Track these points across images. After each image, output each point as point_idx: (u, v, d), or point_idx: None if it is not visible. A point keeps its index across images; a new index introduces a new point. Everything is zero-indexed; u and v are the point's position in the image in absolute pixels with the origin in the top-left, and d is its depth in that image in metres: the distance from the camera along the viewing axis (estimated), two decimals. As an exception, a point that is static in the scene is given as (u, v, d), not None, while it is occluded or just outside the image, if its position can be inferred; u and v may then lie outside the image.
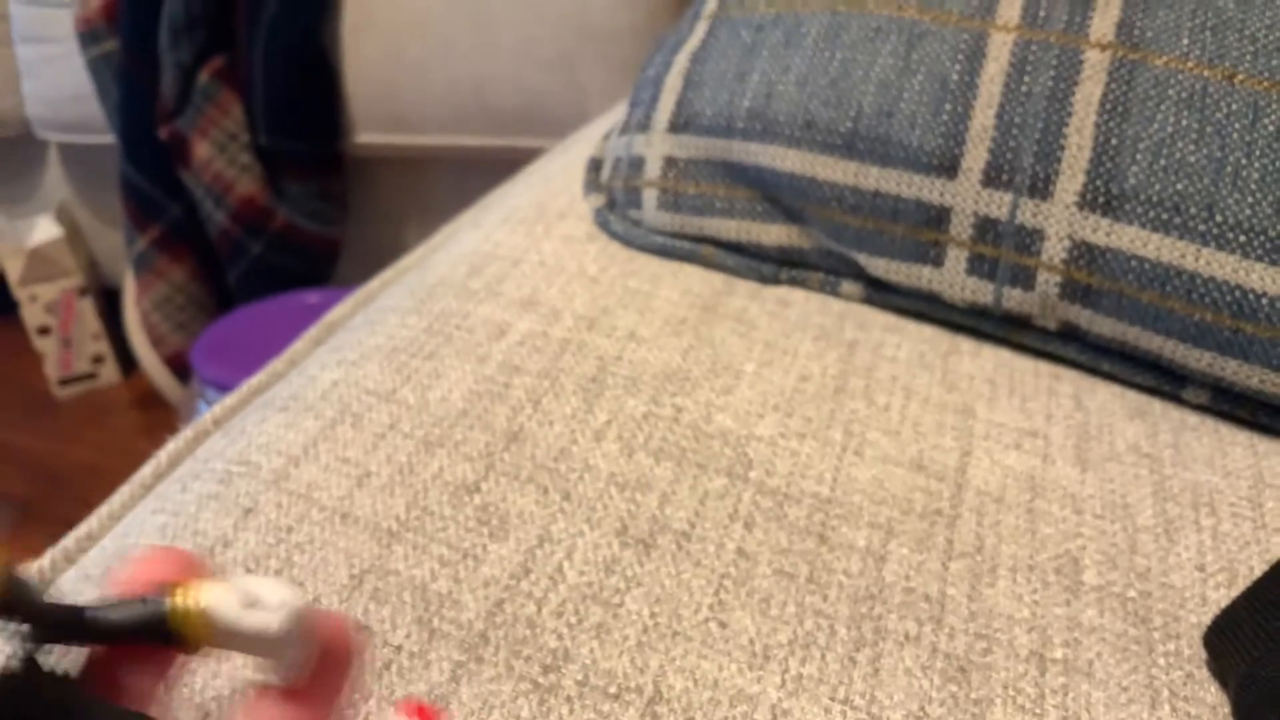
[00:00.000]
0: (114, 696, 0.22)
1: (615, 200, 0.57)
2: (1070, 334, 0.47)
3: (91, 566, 0.37)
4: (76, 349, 1.48)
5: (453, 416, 0.42)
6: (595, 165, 0.60)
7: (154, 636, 0.21)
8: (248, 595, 0.21)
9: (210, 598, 0.21)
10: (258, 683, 0.22)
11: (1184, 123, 0.42)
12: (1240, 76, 0.42)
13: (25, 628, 0.20)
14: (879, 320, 0.50)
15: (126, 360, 1.49)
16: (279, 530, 0.36)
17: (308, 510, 0.37)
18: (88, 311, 1.45)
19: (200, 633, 0.21)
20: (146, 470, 0.42)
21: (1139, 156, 0.43)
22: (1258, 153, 0.41)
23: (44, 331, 1.45)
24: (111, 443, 1.43)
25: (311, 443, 0.40)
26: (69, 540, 0.39)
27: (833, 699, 0.32)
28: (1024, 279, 0.45)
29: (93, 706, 0.21)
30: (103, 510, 0.40)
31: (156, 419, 1.46)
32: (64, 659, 0.21)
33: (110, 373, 1.51)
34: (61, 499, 1.35)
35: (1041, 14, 0.45)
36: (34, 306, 1.42)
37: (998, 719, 0.32)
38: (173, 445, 0.43)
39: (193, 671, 0.32)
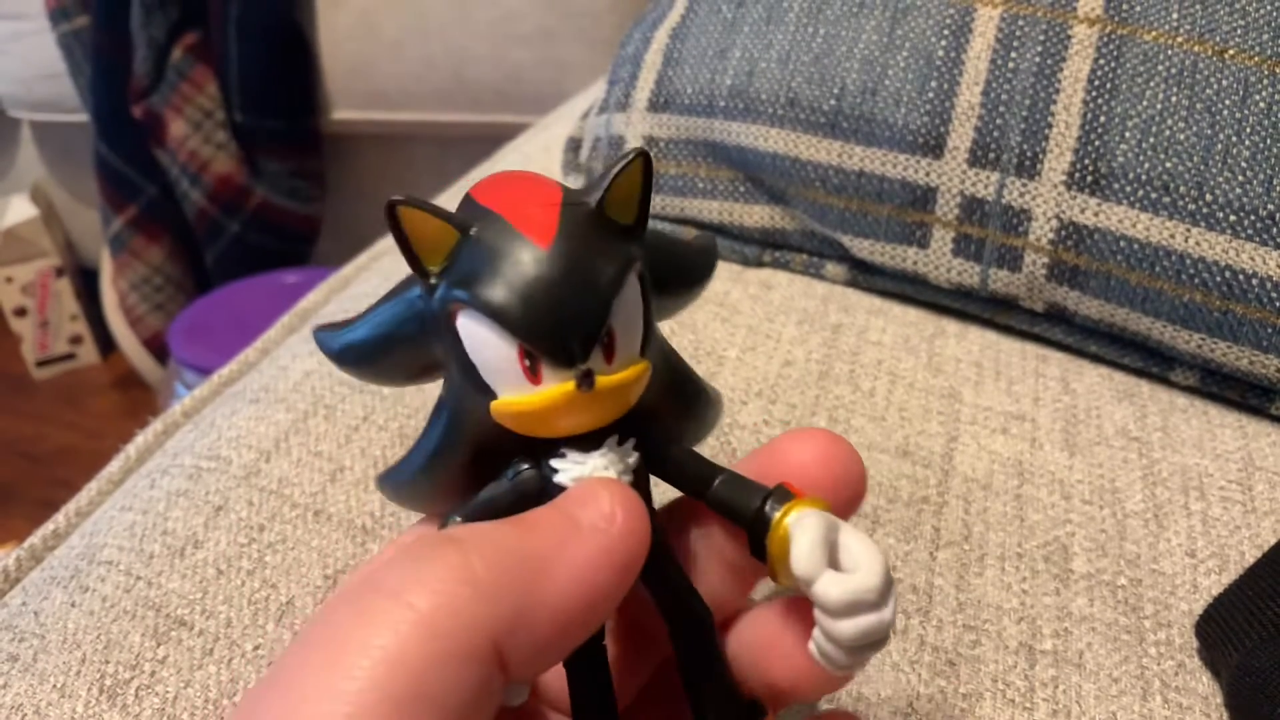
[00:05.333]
0: (673, 556, 0.22)
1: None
2: (1057, 315, 0.46)
3: (59, 566, 0.36)
4: (54, 330, 1.46)
5: (428, 407, 0.41)
6: (574, 145, 0.59)
7: (751, 536, 0.21)
8: (843, 548, 0.20)
9: (802, 533, 0.20)
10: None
11: (1173, 100, 0.41)
12: (1231, 52, 0.41)
13: (637, 457, 0.21)
14: (863, 303, 0.49)
15: (105, 341, 1.47)
16: (250, 529, 0.35)
17: (280, 507, 0.36)
18: (65, 292, 1.44)
19: (775, 560, 0.20)
20: (114, 465, 0.41)
21: (1128, 134, 0.42)
22: (1248, 130, 0.40)
23: (20, 313, 1.43)
24: (90, 424, 1.41)
25: (283, 436, 0.39)
26: (35, 538, 0.38)
27: (819, 696, 0.31)
28: (1011, 260, 0.45)
29: (665, 547, 0.22)
30: (70, 507, 0.39)
31: (135, 400, 1.44)
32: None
33: (88, 353, 1.50)
34: (40, 480, 1.34)
35: (1028, -12, 0.44)
36: (10, 288, 1.41)
37: (987, 713, 0.31)
38: (141, 439, 0.42)
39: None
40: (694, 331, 0.46)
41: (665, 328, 0.45)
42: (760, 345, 0.46)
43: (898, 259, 0.47)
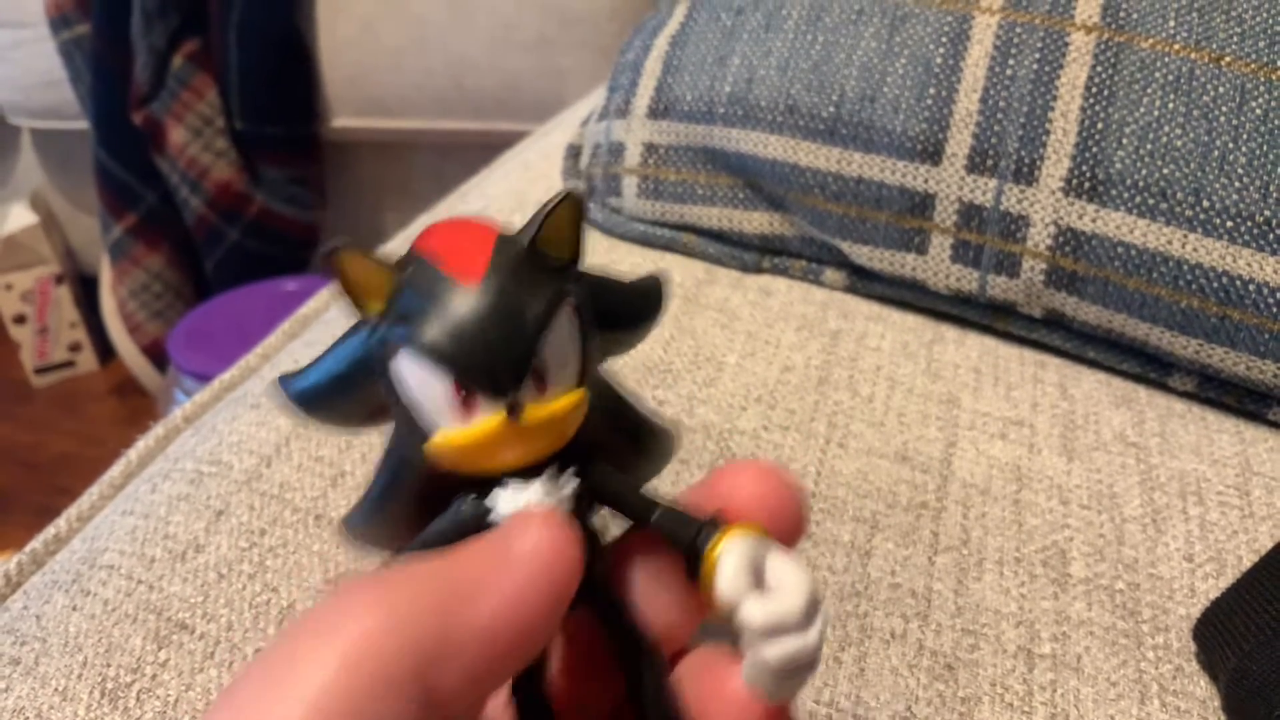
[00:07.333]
0: (619, 587, 0.22)
1: (594, 187, 0.56)
2: (1056, 321, 0.46)
3: (60, 570, 0.36)
4: (53, 337, 1.46)
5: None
6: (574, 152, 0.59)
7: (688, 565, 0.21)
8: (770, 572, 0.20)
9: (726, 558, 0.20)
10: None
11: (1170, 106, 0.42)
12: (1227, 59, 0.41)
13: (579, 484, 0.21)
14: (862, 309, 0.49)
15: (104, 348, 1.47)
16: (251, 533, 0.36)
17: (281, 512, 0.36)
18: (64, 299, 1.44)
19: (706, 587, 0.20)
20: (115, 470, 0.41)
21: (1125, 141, 0.42)
22: (1245, 136, 0.40)
23: (20, 320, 1.43)
24: (89, 431, 1.41)
25: (284, 441, 0.39)
26: (37, 542, 0.38)
27: (818, 701, 0.31)
28: (1009, 266, 0.45)
29: (611, 577, 0.22)
30: (71, 512, 0.39)
31: (134, 407, 1.44)
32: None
33: (88, 361, 1.50)
34: (39, 488, 1.33)
35: (1026, -4, 0.45)
36: (9, 295, 1.40)
37: (985, 717, 0.31)
38: (142, 443, 0.42)
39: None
40: (693, 337, 0.46)
41: (664, 331, 0.46)
42: (759, 351, 0.46)
43: (896, 265, 0.47)
